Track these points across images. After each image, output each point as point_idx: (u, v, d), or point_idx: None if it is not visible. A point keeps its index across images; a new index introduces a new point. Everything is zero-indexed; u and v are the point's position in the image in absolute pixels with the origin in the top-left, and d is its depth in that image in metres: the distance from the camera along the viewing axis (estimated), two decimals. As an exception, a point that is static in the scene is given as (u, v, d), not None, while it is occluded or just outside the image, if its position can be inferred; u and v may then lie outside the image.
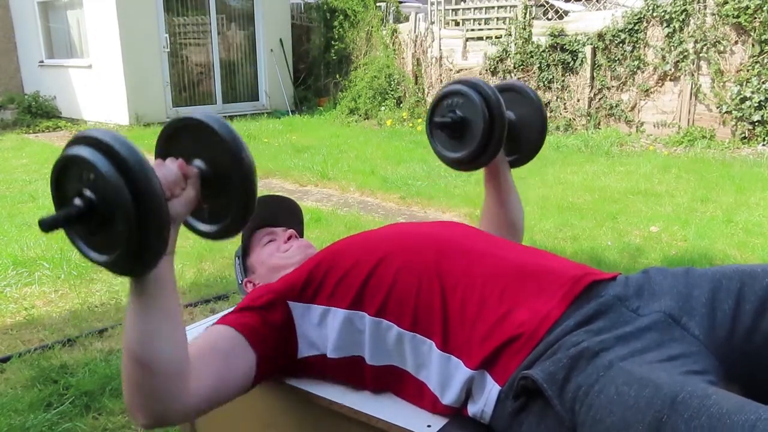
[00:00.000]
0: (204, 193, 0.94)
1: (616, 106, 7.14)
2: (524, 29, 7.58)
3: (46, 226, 0.78)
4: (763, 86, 6.07)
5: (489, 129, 1.36)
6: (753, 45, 6.11)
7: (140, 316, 0.88)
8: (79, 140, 0.82)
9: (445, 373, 1.00)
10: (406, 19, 9.14)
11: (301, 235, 1.50)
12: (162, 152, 0.97)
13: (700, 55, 6.46)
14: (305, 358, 1.11)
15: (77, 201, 0.80)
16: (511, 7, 7.77)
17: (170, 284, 0.91)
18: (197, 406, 0.95)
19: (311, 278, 1.13)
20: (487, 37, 8.02)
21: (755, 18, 6.02)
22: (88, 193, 0.80)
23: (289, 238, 1.39)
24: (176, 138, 0.95)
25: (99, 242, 0.84)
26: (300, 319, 1.10)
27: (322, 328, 1.10)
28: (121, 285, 3.00)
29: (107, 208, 0.79)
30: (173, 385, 0.90)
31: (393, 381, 1.08)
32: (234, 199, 0.93)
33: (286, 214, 1.49)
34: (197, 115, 0.92)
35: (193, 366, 0.94)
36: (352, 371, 1.10)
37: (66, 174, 0.83)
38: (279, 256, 1.34)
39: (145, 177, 0.79)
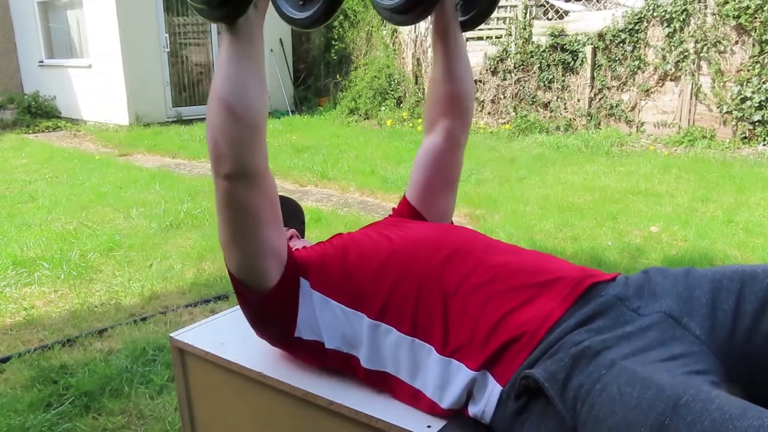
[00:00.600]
0: None
1: (616, 106, 7.14)
2: (524, 29, 7.58)
3: None
4: (764, 86, 6.06)
5: None
6: (753, 45, 6.11)
7: (232, 65, 0.96)
8: None
9: (444, 377, 1.00)
10: (406, 19, 9.14)
11: (302, 235, 1.50)
12: None
13: (701, 55, 6.45)
14: (302, 339, 1.12)
15: None
16: (511, 7, 7.77)
17: (259, 41, 0.99)
18: (266, 178, 1.03)
19: (318, 265, 1.14)
20: (487, 37, 8.01)
21: (755, 18, 6.02)
22: None
23: (290, 239, 1.39)
24: None
25: None
26: (305, 295, 1.11)
27: (323, 316, 1.10)
28: (120, 285, 3.00)
29: None
30: (255, 136, 0.98)
31: (386, 386, 1.08)
32: None
33: (288, 215, 1.49)
34: None
35: None
36: (346, 367, 1.11)
37: None
38: None
39: None
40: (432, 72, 1.37)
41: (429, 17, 1.28)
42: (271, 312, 1.11)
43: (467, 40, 8.15)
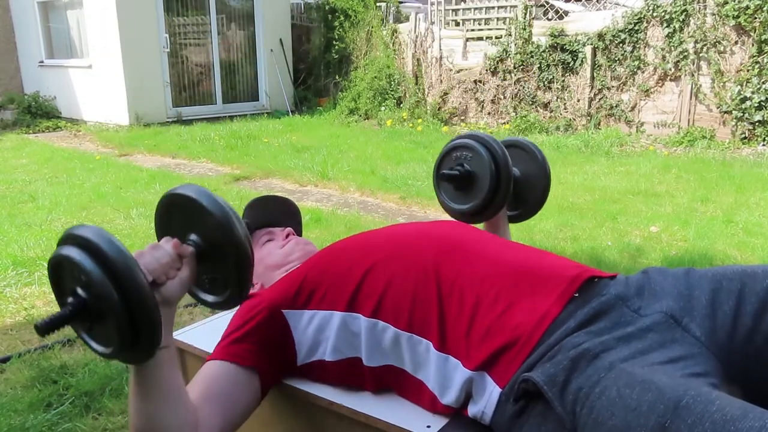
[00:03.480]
0: (202, 266, 0.97)
1: (616, 106, 7.14)
2: (524, 29, 7.58)
3: (43, 330, 0.82)
4: (763, 86, 6.07)
5: (495, 185, 1.41)
6: (753, 45, 6.11)
7: (139, 396, 0.92)
8: (69, 239, 0.85)
9: (443, 373, 1.00)
10: (407, 19, 9.14)
11: (299, 234, 1.50)
12: (161, 228, 1.00)
13: (700, 55, 6.46)
14: (305, 364, 1.12)
15: (70, 300, 0.84)
16: (511, 7, 7.77)
17: (170, 363, 0.93)
18: None
19: (305, 284, 1.13)
20: (487, 37, 8.02)
21: (755, 18, 6.02)
22: (80, 291, 0.84)
23: (287, 236, 1.39)
24: (171, 213, 0.98)
25: (98, 335, 0.88)
26: (296, 326, 1.10)
27: (319, 333, 1.10)
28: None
29: (98, 306, 0.83)
30: None
31: (393, 380, 1.08)
32: (230, 273, 0.96)
33: (284, 215, 1.50)
34: (188, 190, 0.94)
35: (198, 416, 0.96)
36: (351, 373, 1.10)
37: (60, 272, 0.87)
38: (278, 253, 1.34)
39: (131, 276, 0.81)
40: None
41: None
42: (271, 368, 1.10)
43: (467, 40, 8.16)
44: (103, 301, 0.81)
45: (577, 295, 1.00)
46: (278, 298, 1.12)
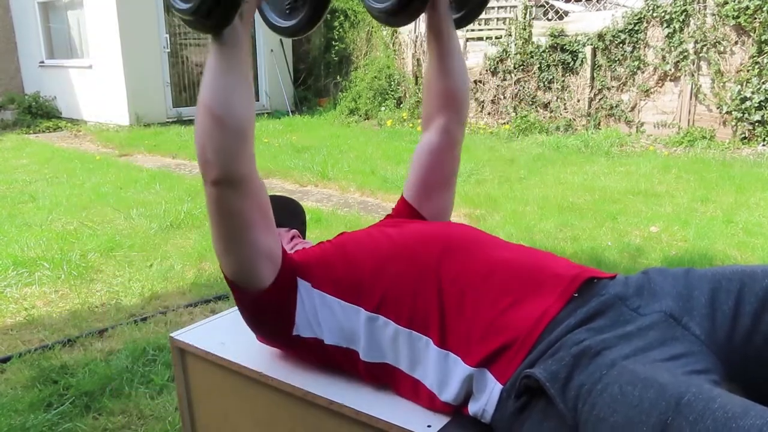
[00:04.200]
0: None
1: (616, 107, 7.14)
2: (524, 29, 7.58)
3: None
4: (763, 86, 6.07)
5: None
6: (753, 45, 6.11)
7: (217, 73, 0.98)
8: None
9: (443, 369, 1.01)
10: (407, 19, 9.14)
11: (303, 235, 1.50)
12: None
13: (700, 55, 6.46)
14: (300, 337, 1.12)
15: None
16: (511, 7, 7.77)
17: (244, 50, 1.01)
18: (254, 183, 1.04)
19: (316, 263, 1.15)
20: (487, 38, 8.01)
21: (755, 18, 6.02)
22: None
23: (292, 239, 1.40)
24: None
25: None
26: (302, 297, 1.12)
27: (322, 313, 1.11)
28: (121, 285, 3.01)
29: None
30: (241, 143, 1.00)
31: (387, 378, 1.09)
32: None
33: (289, 215, 1.50)
34: None
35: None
36: (346, 361, 1.12)
37: None
38: None
39: None
40: (426, 69, 1.37)
41: (423, 16, 1.31)
42: (268, 312, 1.12)
43: (467, 40, 8.16)
44: None
45: (576, 295, 1.00)
46: (298, 262, 1.15)
